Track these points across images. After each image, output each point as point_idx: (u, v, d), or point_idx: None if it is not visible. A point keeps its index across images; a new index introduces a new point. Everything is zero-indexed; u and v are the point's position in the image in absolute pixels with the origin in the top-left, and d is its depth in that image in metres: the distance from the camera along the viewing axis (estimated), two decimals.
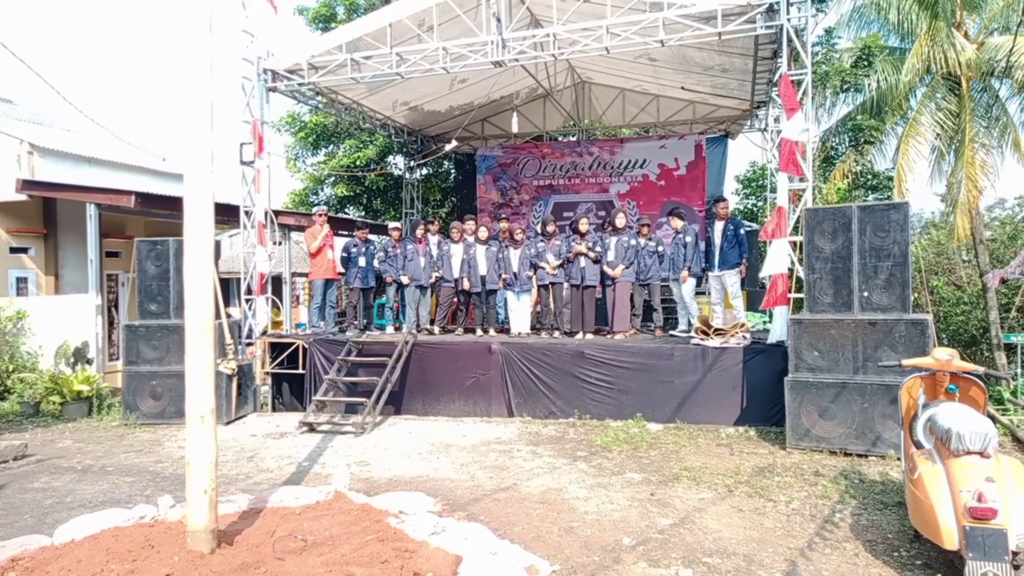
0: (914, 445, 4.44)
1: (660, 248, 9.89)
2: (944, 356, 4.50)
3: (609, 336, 9.59)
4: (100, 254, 10.35)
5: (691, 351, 8.42)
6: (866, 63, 16.28)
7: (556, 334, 9.82)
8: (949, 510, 3.74)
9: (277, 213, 11.13)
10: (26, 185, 10.74)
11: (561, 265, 9.79)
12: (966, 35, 15.05)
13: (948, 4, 14.78)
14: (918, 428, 4.42)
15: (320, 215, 10.56)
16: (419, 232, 10.67)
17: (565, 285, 9.91)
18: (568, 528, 4.92)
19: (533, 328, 10.25)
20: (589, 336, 9.56)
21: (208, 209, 4.42)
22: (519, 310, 10.10)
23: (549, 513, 5.25)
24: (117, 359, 10.88)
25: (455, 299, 10.62)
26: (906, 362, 4.74)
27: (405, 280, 10.32)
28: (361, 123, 13.45)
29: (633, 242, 9.73)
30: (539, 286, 10.19)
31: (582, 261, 9.69)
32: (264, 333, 10.24)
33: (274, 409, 9.97)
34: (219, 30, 4.51)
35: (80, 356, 9.92)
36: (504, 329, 10.34)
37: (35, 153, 12.09)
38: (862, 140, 16.46)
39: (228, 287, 13.61)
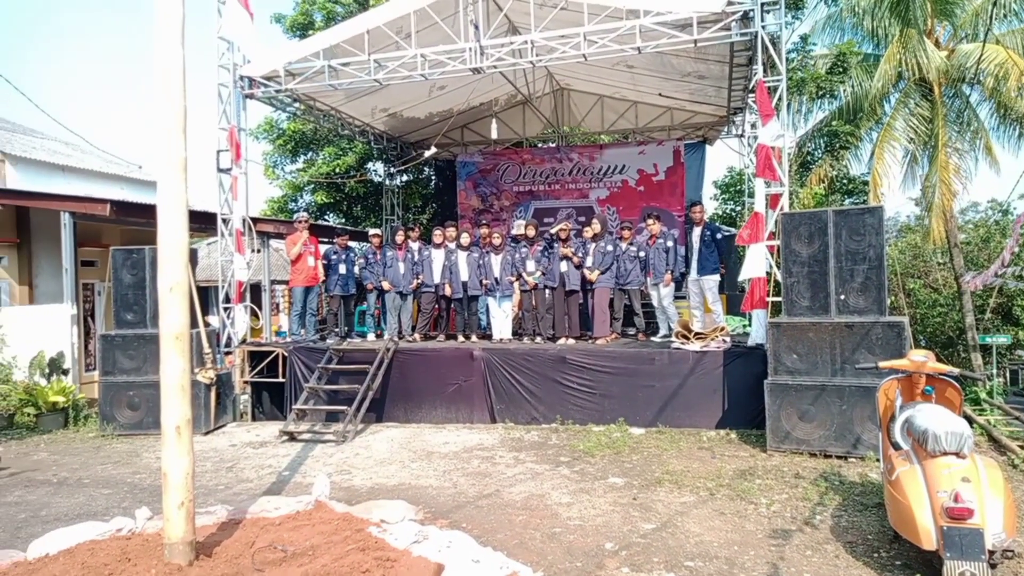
0: (892, 446, 4.48)
1: (640, 253, 9.92)
2: (920, 358, 4.54)
3: (590, 341, 9.61)
4: (75, 263, 10.19)
5: (672, 355, 8.46)
6: (841, 69, 16.52)
7: (538, 340, 9.82)
8: (927, 510, 3.78)
9: (255, 220, 11.04)
10: None
11: (544, 274, 9.81)
12: (937, 42, 15.33)
13: (920, 12, 15.05)
14: (896, 429, 4.46)
15: (301, 221, 10.48)
16: (399, 238, 10.63)
17: (546, 291, 9.92)
18: (551, 534, 4.91)
19: (514, 334, 10.25)
20: (570, 341, 9.58)
21: (182, 217, 4.37)
22: (500, 316, 10.09)
23: (532, 519, 5.23)
24: (94, 369, 10.71)
25: (436, 305, 10.60)
26: (883, 364, 4.79)
27: (387, 286, 10.28)
28: (340, 130, 13.40)
29: (610, 247, 9.75)
30: (522, 291, 10.19)
31: (564, 265, 9.72)
32: (243, 341, 10.14)
33: (254, 418, 9.87)
34: (195, 37, 4.49)
35: (55, 367, 9.76)
36: (486, 335, 10.33)
37: (7, 161, 11.90)
38: (837, 145, 16.69)
39: (206, 295, 13.46)
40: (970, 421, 7.44)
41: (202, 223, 10.73)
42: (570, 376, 8.70)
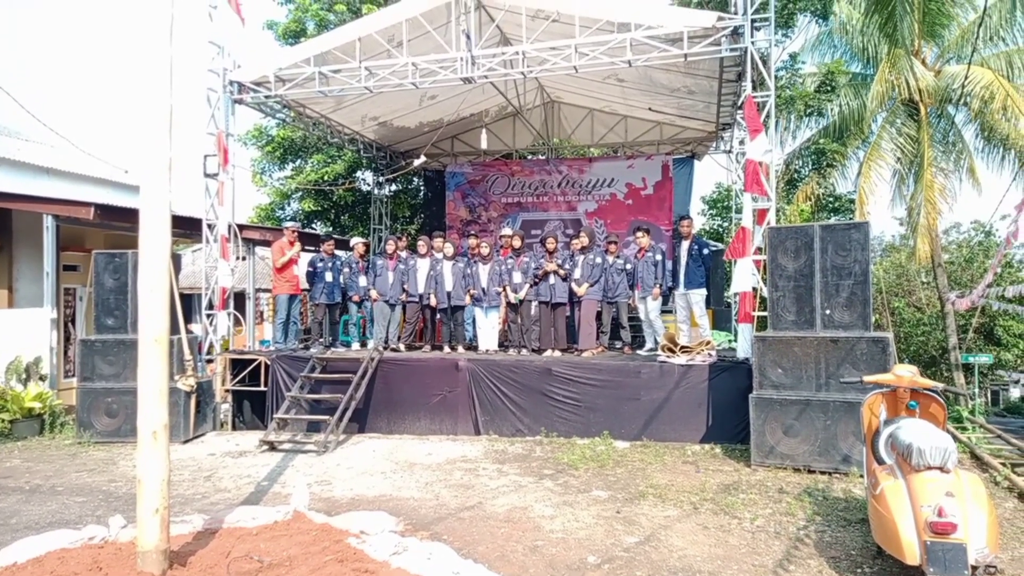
0: (876, 461, 4.46)
1: (628, 266, 9.91)
2: (905, 373, 4.54)
3: (576, 354, 9.57)
4: (57, 267, 10.05)
5: (657, 368, 8.43)
6: (829, 88, 16.69)
7: (524, 351, 9.77)
8: (910, 525, 3.76)
9: (242, 227, 10.96)
10: None
11: (533, 285, 9.77)
12: (924, 63, 15.53)
13: (907, 31, 15.25)
14: (880, 444, 4.45)
15: (292, 231, 10.41)
16: (390, 248, 10.56)
17: (533, 303, 9.89)
18: (533, 547, 4.84)
19: (501, 345, 10.19)
20: (557, 353, 9.53)
21: (165, 218, 4.31)
22: (487, 327, 10.04)
23: (514, 532, 5.17)
24: (74, 375, 10.55)
25: (421, 315, 10.54)
26: (867, 379, 4.79)
27: (374, 295, 10.21)
28: (329, 137, 13.35)
29: (599, 260, 9.75)
30: (507, 304, 10.15)
31: (551, 278, 9.70)
32: (225, 349, 10.02)
33: (234, 427, 9.73)
34: (185, 40, 4.44)
35: (32, 372, 9.60)
36: (472, 346, 10.27)
37: None
38: (824, 163, 16.84)
39: (190, 303, 13.32)
40: (953, 439, 7.45)
41: (187, 228, 10.63)
42: (555, 388, 8.65)
